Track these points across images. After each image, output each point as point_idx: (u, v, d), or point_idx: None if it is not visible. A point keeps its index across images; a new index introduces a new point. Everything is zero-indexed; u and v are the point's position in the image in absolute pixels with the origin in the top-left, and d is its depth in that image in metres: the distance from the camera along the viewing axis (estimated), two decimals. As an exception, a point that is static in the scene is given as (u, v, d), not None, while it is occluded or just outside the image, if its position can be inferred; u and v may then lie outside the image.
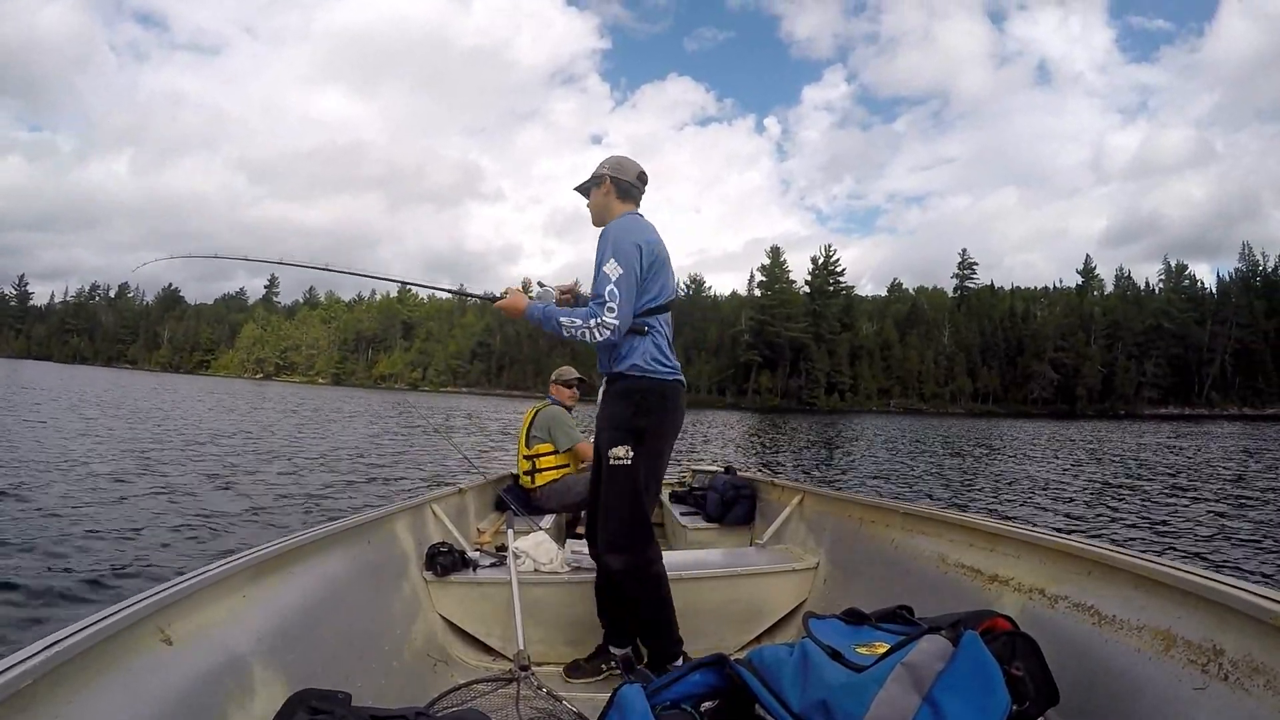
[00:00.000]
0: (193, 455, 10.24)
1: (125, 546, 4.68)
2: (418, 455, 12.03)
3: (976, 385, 73.80)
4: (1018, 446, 19.79)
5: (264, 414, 21.29)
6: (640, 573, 1.95)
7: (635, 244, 1.94)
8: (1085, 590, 1.35)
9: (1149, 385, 68.86)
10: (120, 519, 5.52)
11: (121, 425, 14.00)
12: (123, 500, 6.29)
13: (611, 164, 2.15)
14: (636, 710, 1.16)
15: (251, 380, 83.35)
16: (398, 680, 1.76)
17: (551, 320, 1.97)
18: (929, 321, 78.66)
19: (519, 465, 3.47)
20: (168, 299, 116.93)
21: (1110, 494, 9.87)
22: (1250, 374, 66.96)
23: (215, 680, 1.19)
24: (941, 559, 1.82)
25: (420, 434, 15.95)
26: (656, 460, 2.01)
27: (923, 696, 0.99)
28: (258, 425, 16.56)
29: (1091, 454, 16.97)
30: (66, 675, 0.95)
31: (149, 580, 3.71)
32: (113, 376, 52.47)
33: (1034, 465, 14.15)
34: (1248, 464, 14.54)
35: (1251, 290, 69.90)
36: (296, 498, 7.18)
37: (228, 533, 5.32)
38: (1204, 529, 7.07)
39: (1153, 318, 70.92)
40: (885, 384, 73.84)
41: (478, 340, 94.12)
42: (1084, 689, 1.18)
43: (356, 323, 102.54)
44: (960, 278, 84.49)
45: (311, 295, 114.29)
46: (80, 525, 5.16)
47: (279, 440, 13.48)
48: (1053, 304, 79.01)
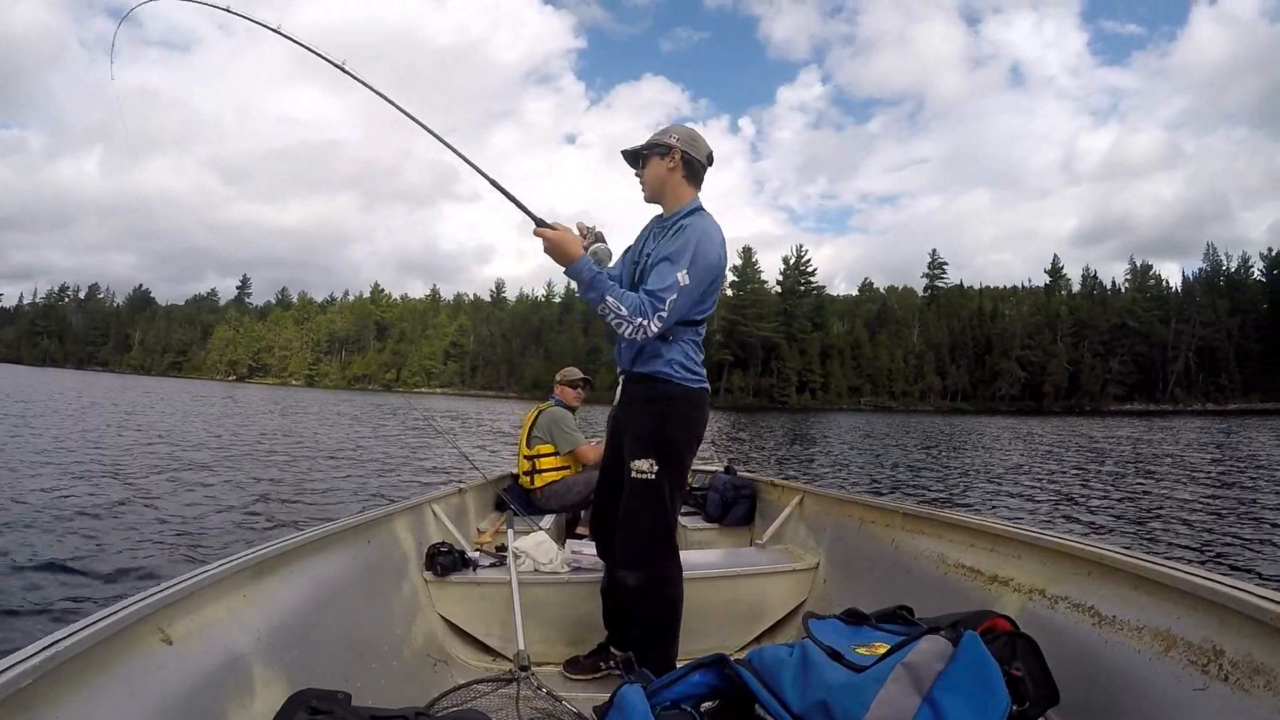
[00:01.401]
0: (187, 457, 10.24)
1: (125, 548, 4.68)
2: (410, 455, 12.05)
3: (945, 383, 75.30)
4: (986, 442, 20.51)
5: (241, 416, 21.22)
6: (653, 592, 1.86)
7: (716, 260, 1.81)
8: (1085, 590, 1.35)
9: (1114, 382, 70.62)
10: (121, 519, 5.52)
11: (119, 428, 14.01)
12: (123, 502, 6.30)
13: (683, 135, 1.91)
14: (637, 710, 1.16)
15: (224, 382, 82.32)
16: (398, 680, 1.76)
17: (598, 290, 1.73)
18: (899, 321, 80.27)
19: (519, 465, 3.47)
20: (138, 300, 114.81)
21: (1078, 484, 10.38)
22: (1214, 371, 69.00)
23: (215, 680, 1.19)
24: (941, 559, 1.82)
25: (415, 434, 15.97)
26: (682, 473, 1.92)
27: (923, 697, 0.99)
28: (243, 428, 16.54)
29: (1058, 448, 17.63)
30: (66, 675, 0.95)
31: (149, 580, 3.71)
32: (87, 379, 51.72)
33: (1001, 459, 14.77)
34: (1214, 457, 15.10)
35: (1215, 290, 72.01)
36: (294, 498, 7.19)
37: (227, 533, 5.33)
38: (1167, 517, 7.38)
39: (1118, 316, 72.93)
40: (856, 382, 75.28)
41: (451, 341, 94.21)
42: (1084, 689, 1.18)
43: (330, 324, 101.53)
44: (930, 277, 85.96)
45: (284, 296, 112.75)
46: (80, 525, 5.17)
47: (276, 442, 13.49)
48: (1021, 303, 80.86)
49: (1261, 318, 69.16)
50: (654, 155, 1.92)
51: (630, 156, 1.99)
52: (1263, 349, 67.45)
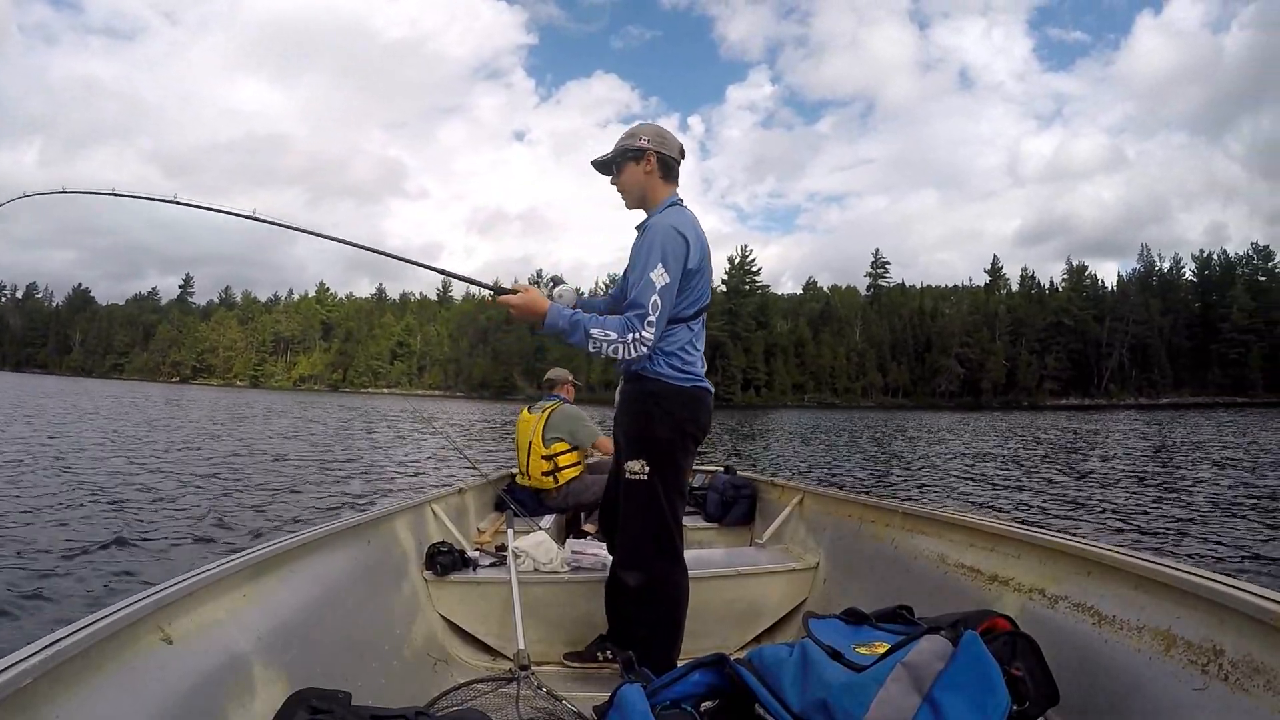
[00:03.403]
0: (178, 460, 10.24)
1: (126, 547, 4.68)
2: (408, 455, 12.04)
3: (886, 380, 78.31)
4: (927, 434, 22.00)
5: (236, 420, 21.23)
6: (652, 593, 1.84)
7: (686, 250, 1.74)
8: (1085, 590, 1.35)
9: (1050, 378, 74.25)
10: (119, 520, 5.52)
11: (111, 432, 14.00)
12: (119, 504, 6.29)
13: (653, 135, 1.87)
14: (637, 710, 1.16)
15: (168, 384, 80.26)
16: (398, 680, 1.76)
17: (580, 328, 1.70)
18: (841, 319, 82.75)
19: (531, 466, 3.40)
20: (77, 300, 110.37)
21: (1020, 472, 11.23)
22: (1146, 367, 73.36)
23: (215, 679, 1.19)
24: (941, 559, 1.82)
25: (414, 434, 15.92)
26: (677, 473, 1.87)
27: (923, 696, 0.99)
28: (227, 432, 16.60)
29: (995, 440, 19.06)
30: (66, 675, 0.94)
31: (149, 580, 3.71)
32: (28, 382, 50.07)
33: (944, 450, 16.08)
34: (1150, 445, 16.64)
35: (1148, 289, 76.35)
36: (295, 498, 7.19)
37: (226, 533, 5.33)
38: (1103, 499, 8.19)
39: (1054, 315, 76.37)
40: (799, 379, 77.27)
41: (397, 340, 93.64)
42: (1084, 689, 1.18)
43: (275, 324, 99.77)
44: (873, 277, 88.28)
45: (228, 295, 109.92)
46: (78, 526, 5.16)
47: (270, 445, 13.48)
48: (960, 302, 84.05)
49: (1192, 316, 74.02)
50: (628, 161, 1.88)
51: (603, 166, 1.94)
52: (1192, 346, 72.36)
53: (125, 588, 3.67)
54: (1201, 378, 70.54)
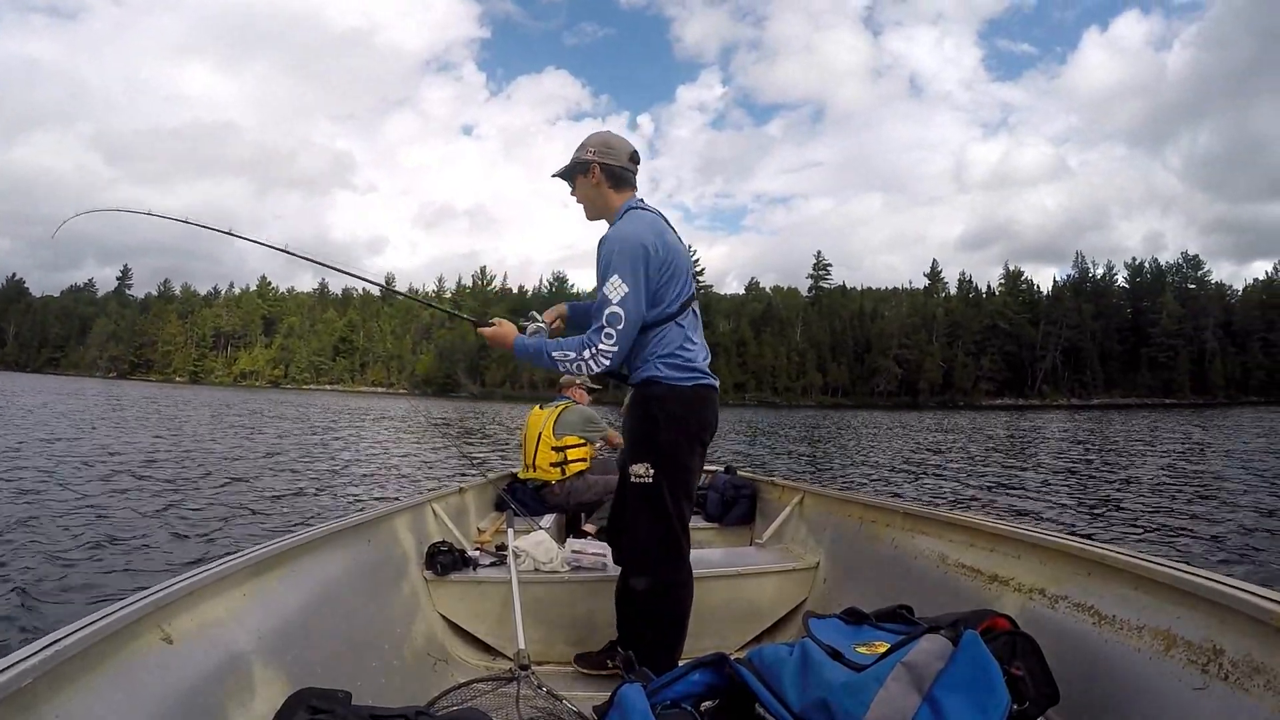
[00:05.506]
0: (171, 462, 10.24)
1: (125, 548, 4.68)
2: (403, 454, 12.03)
3: (826, 379, 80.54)
4: (865, 433, 23.08)
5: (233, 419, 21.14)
6: (657, 597, 1.85)
7: (643, 252, 1.73)
8: (1085, 590, 1.35)
9: (985, 379, 77.10)
10: (119, 521, 5.52)
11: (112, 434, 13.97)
12: (120, 504, 6.29)
13: (597, 145, 1.89)
14: (637, 710, 1.16)
15: (105, 379, 76.56)
16: (398, 679, 1.76)
17: (543, 355, 1.80)
18: (783, 320, 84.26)
19: (539, 458, 3.39)
20: (11, 291, 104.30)
21: (963, 465, 12.03)
22: (1079, 369, 76.75)
23: (216, 679, 1.19)
24: (941, 559, 1.82)
25: (410, 434, 15.91)
26: (684, 475, 1.85)
27: (923, 696, 0.99)
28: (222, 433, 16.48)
29: (932, 438, 19.89)
30: (67, 675, 0.95)
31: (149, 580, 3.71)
32: None
33: (882, 445, 17.06)
34: (1080, 443, 17.52)
35: (1082, 294, 79.48)
36: (294, 498, 7.19)
37: (227, 533, 5.32)
38: (1042, 489, 8.80)
39: (990, 318, 79.27)
40: (741, 379, 78.32)
41: (340, 336, 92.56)
42: (1084, 689, 1.18)
43: (215, 318, 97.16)
44: (815, 278, 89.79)
45: (166, 288, 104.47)
46: (77, 526, 5.16)
47: (270, 444, 13.47)
48: (900, 304, 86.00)
49: (1123, 321, 78.35)
50: (577, 175, 1.92)
51: (564, 178, 1.96)
52: (1123, 349, 76.41)
53: (125, 588, 3.67)
54: (1132, 380, 74.41)
